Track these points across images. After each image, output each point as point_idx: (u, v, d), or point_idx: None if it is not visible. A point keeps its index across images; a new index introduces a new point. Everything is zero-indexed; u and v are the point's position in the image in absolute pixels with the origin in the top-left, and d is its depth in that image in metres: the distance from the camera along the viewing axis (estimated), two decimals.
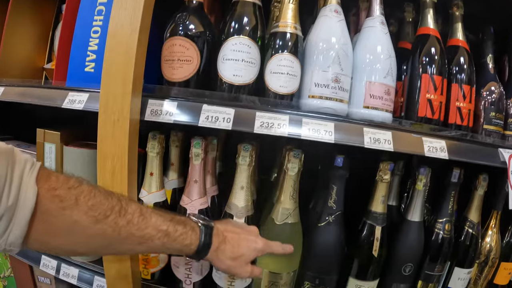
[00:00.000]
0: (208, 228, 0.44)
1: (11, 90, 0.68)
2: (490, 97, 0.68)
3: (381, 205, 0.59)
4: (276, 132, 0.50)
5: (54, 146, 0.67)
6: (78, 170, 0.65)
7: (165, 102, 0.54)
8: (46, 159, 0.68)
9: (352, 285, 0.61)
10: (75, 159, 0.65)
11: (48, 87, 0.67)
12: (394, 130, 0.54)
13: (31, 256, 0.73)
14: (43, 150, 0.69)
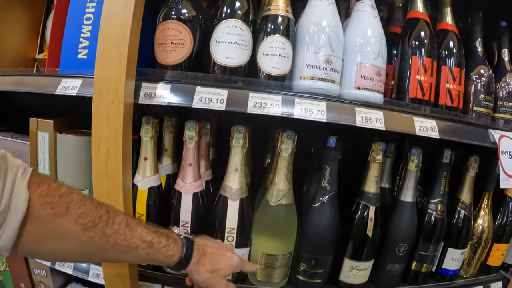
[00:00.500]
0: (190, 242, 0.46)
1: (3, 80, 0.68)
2: (479, 80, 0.69)
3: (374, 186, 0.60)
4: (269, 112, 0.51)
5: (47, 134, 0.67)
6: (71, 158, 0.65)
7: (158, 85, 0.54)
8: (40, 148, 0.68)
9: (348, 265, 0.62)
10: (69, 146, 0.64)
11: (41, 75, 0.67)
12: (385, 110, 0.55)
13: None
14: (36, 139, 0.68)
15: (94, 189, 0.54)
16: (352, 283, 0.64)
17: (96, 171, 0.52)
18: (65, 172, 0.66)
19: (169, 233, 0.45)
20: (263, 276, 0.60)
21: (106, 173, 0.52)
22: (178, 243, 0.45)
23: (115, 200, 0.53)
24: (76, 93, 0.58)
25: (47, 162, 0.68)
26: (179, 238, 0.46)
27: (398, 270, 0.66)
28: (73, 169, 0.65)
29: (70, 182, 0.63)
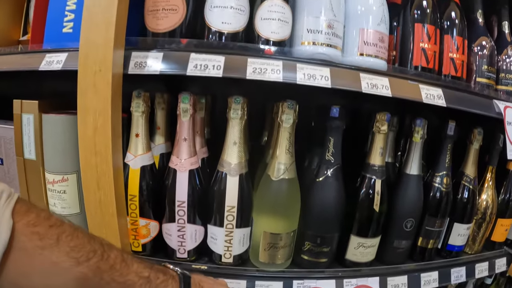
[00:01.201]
0: (186, 278, 0.43)
1: None
2: (481, 51, 0.67)
3: (380, 158, 0.56)
4: (270, 78, 0.46)
5: (32, 116, 0.61)
6: (58, 140, 0.59)
7: (150, 53, 0.49)
8: (25, 132, 0.62)
9: (354, 243, 0.58)
10: (55, 127, 0.59)
11: (23, 52, 0.62)
12: (390, 77, 0.52)
13: None
14: (20, 122, 0.62)
15: (82, 169, 0.49)
16: (358, 261, 0.60)
17: (83, 147, 0.48)
18: (52, 156, 0.60)
19: (165, 269, 0.42)
20: (266, 257, 0.56)
21: (94, 149, 0.47)
22: (175, 279, 0.42)
23: (104, 180, 0.48)
24: (61, 67, 0.53)
25: (32, 146, 0.62)
26: (176, 274, 0.43)
27: (405, 247, 0.63)
28: (61, 152, 0.60)
29: (58, 166, 0.60)
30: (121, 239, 0.52)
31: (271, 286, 0.57)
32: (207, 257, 0.59)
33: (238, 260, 0.57)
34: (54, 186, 0.60)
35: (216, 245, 0.55)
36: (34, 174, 0.64)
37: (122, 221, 0.53)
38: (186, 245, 0.55)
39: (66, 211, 0.62)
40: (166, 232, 0.56)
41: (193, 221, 0.54)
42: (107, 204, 0.49)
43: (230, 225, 0.53)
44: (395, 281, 0.63)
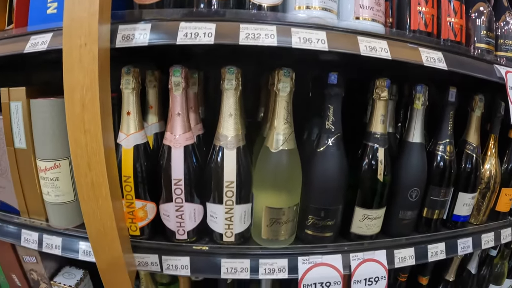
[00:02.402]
0: None
1: None
2: (479, 17, 0.64)
3: (381, 125, 0.53)
4: (264, 43, 0.43)
5: (20, 103, 0.58)
6: (48, 125, 0.56)
7: (137, 25, 0.46)
8: (14, 120, 0.59)
9: (359, 215, 0.56)
10: (44, 112, 0.55)
11: (8, 37, 0.58)
12: (389, 40, 0.49)
13: (10, 233, 0.64)
14: (9, 111, 0.59)
15: (71, 149, 0.45)
16: (364, 234, 0.57)
17: (72, 126, 0.44)
18: (43, 142, 0.57)
19: None
20: (268, 233, 0.53)
21: (83, 128, 0.44)
22: None
23: (95, 160, 0.45)
24: (47, 48, 0.50)
25: (22, 134, 0.59)
26: None
27: (410, 218, 0.60)
28: (51, 138, 0.56)
29: (49, 152, 0.57)
30: (117, 223, 0.49)
31: (276, 263, 0.54)
32: (207, 237, 0.56)
33: (240, 238, 0.54)
34: (47, 173, 0.57)
35: (216, 223, 0.52)
36: (25, 164, 0.60)
37: (117, 204, 0.49)
38: (185, 225, 0.53)
39: (60, 199, 0.59)
40: (164, 213, 0.53)
41: (191, 199, 0.51)
42: (100, 186, 0.46)
43: (229, 201, 0.50)
44: (402, 253, 0.61)
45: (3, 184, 0.66)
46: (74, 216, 0.60)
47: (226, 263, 0.53)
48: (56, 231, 0.60)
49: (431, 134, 0.65)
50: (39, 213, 0.63)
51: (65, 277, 0.71)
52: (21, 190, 0.63)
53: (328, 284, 0.55)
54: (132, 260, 0.54)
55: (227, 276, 0.53)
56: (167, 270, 0.54)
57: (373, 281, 0.58)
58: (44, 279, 0.72)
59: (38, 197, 0.61)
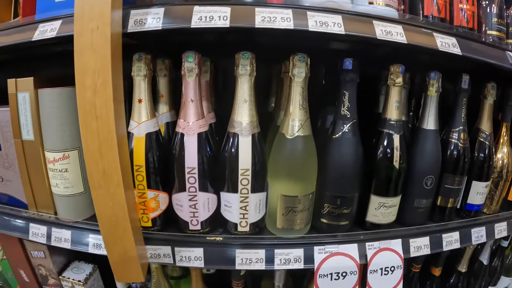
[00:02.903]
0: None
1: None
2: (491, 4, 0.63)
3: (396, 111, 0.52)
4: (280, 26, 0.42)
5: (28, 94, 0.56)
6: (56, 116, 0.54)
7: (150, 9, 0.45)
8: (21, 112, 0.58)
9: (375, 203, 0.55)
10: (52, 102, 0.54)
11: (15, 26, 0.57)
12: (404, 24, 0.48)
13: (18, 227, 0.62)
14: (16, 102, 0.58)
15: (82, 136, 0.44)
16: (380, 223, 0.56)
17: (83, 111, 0.43)
18: (51, 133, 0.55)
19: None
20: (283, 222, 0.51)
21: (95, 113, 0.43)
22: None
23: (107, 147, 0.43)
24: (56, 35, 0.48)
25: (30, 126, 0.57)
26: None
27: (425, 207, 0.59)
28: (59, 128, 0.55)
29: (58, 143, 0.55)
30: (129, 214, 0.47)
31: (291, 253, 0.53)
32: (221, 227, 0.54)
33: (255, 228, 0.53)
34: (55, 165, 0.56)
35: (230, 213, 0.51)
36: (33, 156, 0.59)
37: (129, 194, 0.48)
38: (198, 215, 0.51)
39: (69, 191, 0.57)
40: (176, 203, 0.51)
41: (205, 188, 0.50)
42: (112, 174, 0.45)
43: (245, 189, 0.48)
44: (417, 242, 0.59)
45: (10, 177, 0.64)
46: (83, 209, 0.58)
47: (241, 253, 0.52)
48: (65, 224, 0.59)
49: (445, 122, 0.64)
50: (48, 207, 0.61)
51: (74, 272, 0.69)
52: (28, 183, 0.61)
53: (344, 274, 0.54)
54: (144, 252, 0.53)
55: (242, 267, 0.52)
56: (180, 262, 0.52)
57: (389, 271, 0.56)
58: (53, 274, 0.70)
59: (46, 190, 0.60)
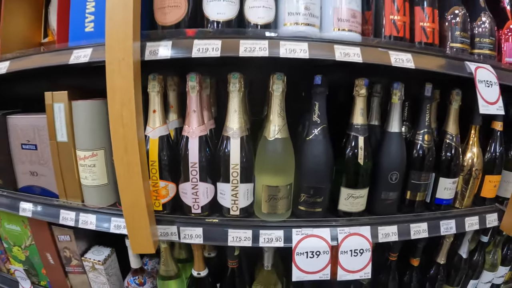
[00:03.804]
0: None
1: (23, 61, 0.83)
2: (454, 19, 0.82)
3: (361, 117, 0.73)
4: (258, 54, 0.64)
5: (62, 104, 0.82)
6: (87, 122, 0.80)
7: (161, 42, 0.68)
8: (56, 118, 0.83)
9: (344, 194, 0.76)
10: (83, 111, 0.79)
11: (53, 50, 0.82)
12: (362, 46, 0.69)
13: (50, 213, 0.87)
14: (52, 111, 0.83)
15: (112, 138, 0.68)
16: (350, 211, 0.77)
17: (113, 120, 0.67)
18: (82, 136, 0.80)
19: None
20: (267, 208, 0.74)
21: (122, 122, 0.67)
22: None
23: (131, 146, 0.67)
24: (88, 60, 0.73)
25: (64, 130, 0.83)
26: None
27: (393, 199, 0.79)
28: (89, 132, 0.80)
29: (88, 143, 0.80)
30: (145, 199, 0.71)
31: (273, 234, 0.75)
32: (217, 212, 0.77)
33: (244, 213, 0.75)
34: (85, 161, 0.81)
35: (224, 199, 0.74)
36: (66, 154, 0.84)
37: (146, 183, 0.72)
38: (199, 201, 0.74)
39: (96, 182, 0.82)
40: (182, 191, 0.75)
41: (205, 179, 0.73)
42: (133, 166, 0.68)
43: (235, 180, 0.71)
44: (385, 230, 0.80)
45: (44, 172, 0.90)
46: (107, 197, 0.83)
47: (232, 233, 0.74)
48: (91, 209, 0.83)
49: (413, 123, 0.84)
50: (76, 196, 0.86)
51: (94, 254, 0.94)
52: (61, 177, 0.87)
53: (318, 253, 0.75)
54: (156, 231, 0.76)
55: (233, 244, 0.74)
56: (184, 239, 0.76)
57: (358, 253, 0.77)
58: (76, 256, 0.95)
59: (76, 182, 0.85)
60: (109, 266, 0.95)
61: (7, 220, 1.04)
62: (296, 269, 0.76)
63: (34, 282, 1.10)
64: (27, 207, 0.90)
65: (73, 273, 0.99)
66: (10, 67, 0.86)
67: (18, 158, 0.93)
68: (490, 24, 0.85)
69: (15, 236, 1.04)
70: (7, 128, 0.92)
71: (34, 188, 0.93)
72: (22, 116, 0.90)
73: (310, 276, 0.77)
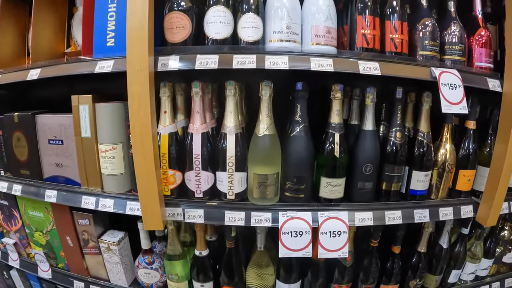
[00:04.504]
0: None
1: (54, 68, 1.15)
2: (424, 29, 1.08)
3: (337, 117, 1.00)
4: (248, 66, 0.93)
5: (87, 106, 1.13)
6: (108, 121, 1.10)
7: (170, 57, 0.98)
8: (81, 118, 1.14)
9: (324, 182, 1.03)
10: (105, 112, 1.10)
11: (82, 61, 1.13)
12: (335, 58, 0.96)
13: (73, 199, 1.18)
14: (78, 112, 1.15)
15: (131, 133, 0.98)
16: (329, 197, 1.04)
17: (133, 118, 0.97)
18: (103, 133, 1.11)
19: None
20: (258, 193, 1.02)
21: (139, 120, 0.96)
22: None
23: (146, 139, 0.97)
24: (111, 70, 1.03)
25: (88, 127, 1.14)
26: None
27: (369, 188, 1.06)
28: (110, 130, 1.11)
29: (109, 138, 1.11)
30: (157, 185, 1.01)
31: (263, 215, 1.03)
32: (216, 197, 1.06)
33: (239, 197, 1.04)
34: (106, 153, 1.11)
35: (222, 186, 1.02)
36: (89, 148, 1.15)
37: (158, 172, 1.01)
38: (201, 187, 1.03)
39: (115, 171, 1.12)
40: (187, 178, 1.04)
41: (206, 169, 1.02)
42: (148, 156, 0.98)
43: (231, 169, 0.99)
44: (361, 215, 1.06)
45: (69, 164, 1.22)
46: (124, 184, 1.13)
47: (228, 214, 1.02)
48: (110, 195, 1.14)
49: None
50: (96, 184, 1.17)
51: (110, 236, 1.25)
52: (83, 167, 1.18)
53: (301, 233, 1.02)
54: (165, 212, 1.06)
55: (229, 223, 1.02)
56: (188, 219, 1.05)
57: (336, 234, 1.03)
58: (93, 238, 1.26)
59: (96, 172, 1.16)
60: (122, 248, 1.25)
61: (31, 208, 1.36)
62: (283, 246, 1.03)
63: (52, 264, 1.42)
64: (52, 194, 1.22)
65: (90, 254, 1.30)
66: (42, 74, 1.18)
67: (45, 152, 1.25)
68: (459, 32, 1.11)
69: (38, 222, 1.37)
70: (36, 126, 1.24)
71: (58, 178, 1.25)
72: (51, 115, 1.22)
73: (294, 253, 1.04)
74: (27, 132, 1.25)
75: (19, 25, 1.39)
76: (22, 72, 1.21)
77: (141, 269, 1.24)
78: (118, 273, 1.28)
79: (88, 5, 1.14)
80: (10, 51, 1.37)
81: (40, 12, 1.29)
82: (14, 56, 1.38)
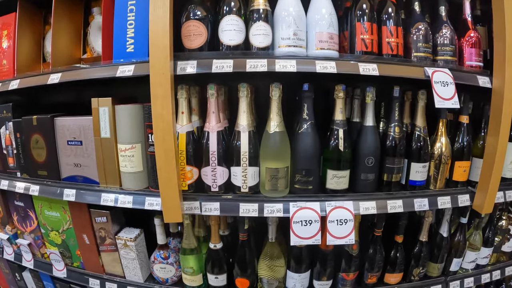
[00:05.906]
0: None
1: (80, 72, 1.33)
2: (418, 33, 1.29)
3: (341, 114, 1.20)
4: (260, 70, 1.13)
5: (107, 108, 1.32)
6: (127, 122, 1.29)
7: (188, 61, 1.17)
8: (101, 119, 1.33)
9: (330, 175, 1.22)
10: (124, 114, 1.28)
11: (104, 66, 1.32)
12: (337, 60, 1.16)
13: (93, 197, 1.36)
14: (98, 113, 1.33)
15: (154, 130, 1.16)
16: (335, 188, 1.23)
17: (155, 117, 1.15)
18: (122, 134, 1.30)
19: None
20: (270, 186, 1.20)
21: (161, 119, 1.15)
22: None
23: (167, 136, 1.15)
24: (132, 74, 1.23)
25: (107, 128, 1.32)
26: None
27: (371, 179, 1.25)
28: (129, 130, 1.29)
29: (128, 138, 1.30)
30: (177, 180, 1.19)
31: (275, 206, 1.21)
32: (231, 190, 1.25)
33: (252, 190, 1.23)
34: (126, 152, 1.30)
35: (236, 180, 1.21)
36: (108, 148, 1.34)
37: (177, 167, 1.20)
38: (217, 181, 1.22)
39: (133, 169, 1.31)
40: (203, 174, 1.23)
41: (221, 164, 1.21)
42: (169, 152, 1.16)
43: (244, 164, 1.18)
44: (365, 205, 1.25)
45: (87, 163, 1.40)
46: (142, 182, 1.32)
47: (243, 206, 1.21)
48: (128, 192, 1.32)
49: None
50: (115, 182, 1.35)
51: (126, 233, 1.42)
52: (102, 166, 1.36)
53: (310, 222, 1.21)
54: (183, 206, 1.24)
55: (244, 215, 1.21)
56: (205, 212, 1.23)
57: (343, 222, 1.22)
58: (110, 235, 1.44)
59: (115, 170, 1.34)
60: (139, 244, 1.42)
61: (48, 208, 1.53)
62: (293, 235, 1.22)
63: (67, 263, 1.58)
64: (71, 192, 1.39)
65: (106, 251, 1.47)
66: (62, 78, 1.37)
67: (64, 153, 1.43)
68: (450, 34, 1.32)
69: (54, 222, 1.54)
70: (54, 128, 1.42)
71: (77, 178, 1.43)
72: (70, 117, 1.40)
73: (304, 241, 1.22)
74: (45, 134, 1.43)
75: (35, 34, 1.58)
76: (42, 76, 1.40)
77: (157, 264, 1.42)
78: (134, 269, 1.45)
79: (107, 14, 1.34)
80: (27, 57, 1.55)
81: (58, 22, 1.48)
82: (30, 62, 1.57)
